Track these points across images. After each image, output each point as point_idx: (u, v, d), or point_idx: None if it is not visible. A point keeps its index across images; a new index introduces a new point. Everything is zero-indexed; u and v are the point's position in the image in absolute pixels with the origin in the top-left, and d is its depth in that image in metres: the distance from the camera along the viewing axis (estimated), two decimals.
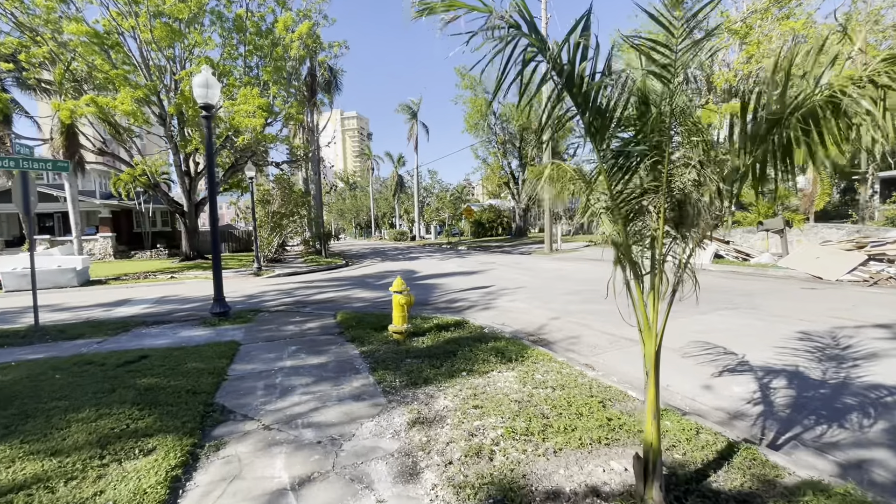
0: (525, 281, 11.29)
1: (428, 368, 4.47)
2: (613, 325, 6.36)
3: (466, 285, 11.07)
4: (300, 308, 8.89)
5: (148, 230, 29.20)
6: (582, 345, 5.54)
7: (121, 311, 9.52)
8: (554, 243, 20.85)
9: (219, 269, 7.71)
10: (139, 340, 6.33)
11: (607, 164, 2.20)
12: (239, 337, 6.37)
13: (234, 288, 12.89)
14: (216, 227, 7.61)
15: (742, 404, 3.63)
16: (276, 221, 20.98)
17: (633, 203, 2.21)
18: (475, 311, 8.00)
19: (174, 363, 4.84)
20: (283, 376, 4.53)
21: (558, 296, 8.97)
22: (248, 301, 10.45)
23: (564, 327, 6.42)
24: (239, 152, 19.44)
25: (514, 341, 5.34)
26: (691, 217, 2.08)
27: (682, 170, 2.09)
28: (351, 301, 9.80)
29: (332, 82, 24.82)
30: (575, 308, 7.70)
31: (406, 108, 43.15)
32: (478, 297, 9.27)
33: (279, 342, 6.01)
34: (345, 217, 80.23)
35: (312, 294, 11.16)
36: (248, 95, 14.98)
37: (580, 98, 2.07)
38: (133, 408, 3.55)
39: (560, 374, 4.18)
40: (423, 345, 5.44)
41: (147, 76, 16.99)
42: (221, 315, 7.59)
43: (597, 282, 10.62)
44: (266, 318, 7.78)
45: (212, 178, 7.53)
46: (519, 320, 7.04)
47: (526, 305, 8.20)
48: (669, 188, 2.10)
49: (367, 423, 3.36)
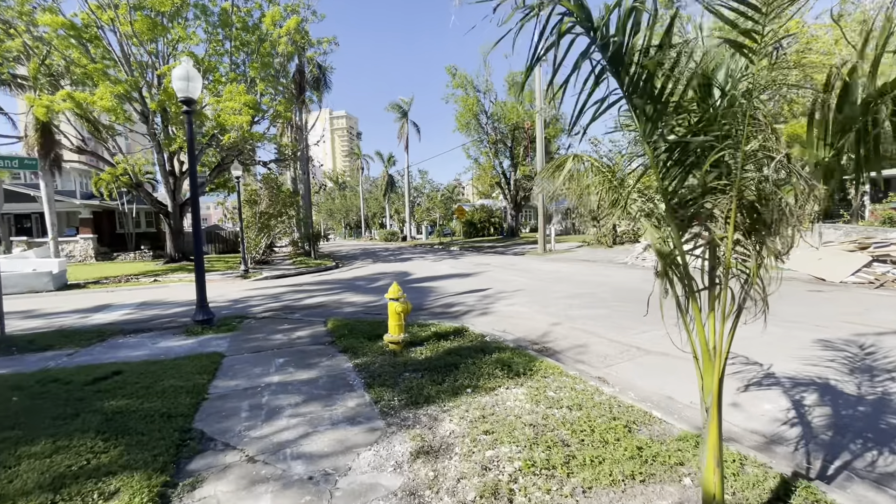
0: (522, 283, 10.97)
1: (429, 384, 4.10)
2: (620, 333, 6.05)
3: (462, 288, 10.71)
4: (289, 314, 8.46)
5: (131, 231, 28.35)
6: (590, 354, 5.21)
7: (98, 317, 8.98)
8: (547, 244, 20.60)
9: (202, 273, 7.24)
10: (114, 352, 5.85)
11: (659, 158, 1.84)
12: (223, 348, 5.93)
13: (220, 292, 12.37)
14: (199, 227, 7.15)
15: (777, 426, 3.32)
16: (264, 222, 20.43)
17: (690, 206, 1.85)
18: (473, 316, 7.64)
19: (150, 380, 4.39)
20: (269, 394, 4.12)
21: (558, 299, 8.65)
22: (234, 306, 9.97)
23: (569, 335, 6.09)
24: (225, 151, 18.85)
25: (519, 352, 4.98)
26: (771, 222, 1.73)
27: (754, 164, 1.74)
28: (342, 306, 9.38)
29: (322, 79, 24.28)
30: (577, 313, 7.38)
31: (396, 107, 42.65)
32: (475, 302, 8.92)
33: (266, 354, 5.58)
34: (334, 217, 79.41)
35: (301, 298, 10.71)
36: (233, 92, 14.44)
37: (628, 78, 1.71)
38: (97, 438, 3.11)
39: (574, 390, 3.83)
40: (422, 356, 5.06)
41: (128, 72, 16.34)
42: (204, 323, 7.12)
43: (596, 284, 10.33)
44: (252, 326, 7.33)
45: (193, 175, 7.07)
46: (520, 326, 6.70)
47: (526, 310, 7.86)
48: (741, 187, 1.75)
49: (364, 453, 2.97)
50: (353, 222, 77.01)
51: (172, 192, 19.64)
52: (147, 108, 16.57)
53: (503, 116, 31.55)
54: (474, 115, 32.52)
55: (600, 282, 10.71)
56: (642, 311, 7.21)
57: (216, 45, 18.44)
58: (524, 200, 36.62)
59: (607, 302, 8.16)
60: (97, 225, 26.08)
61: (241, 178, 16.78)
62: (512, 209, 35.74)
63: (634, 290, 9.36)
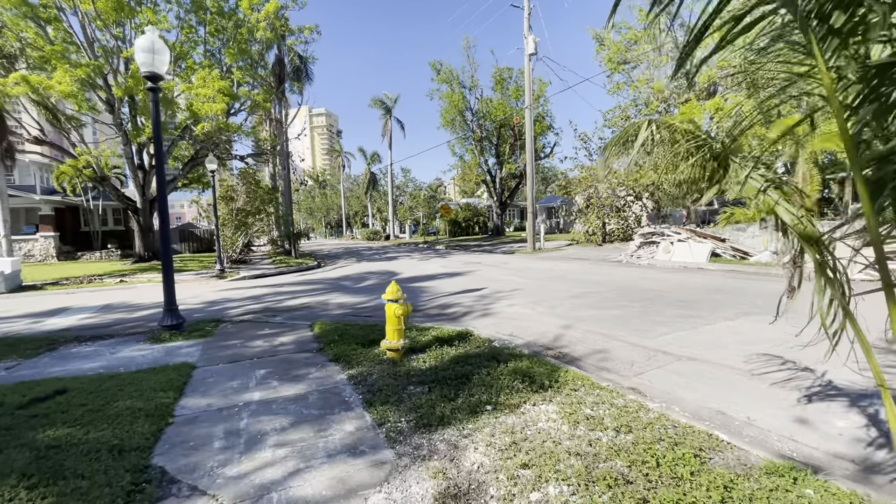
0: (519, 282, 10.43)
1: (440, 401, 3.48)
2: (639, 335, 5.54)
3: (456, 288, 10.10)
4: (270, 317, 7.69)
5: (97, 229, 26.75)
6: (615, 361, 4.67)
7: (53, 322, 8.05)
8: (537, 242, 20.18)
9: (170, 273, 6.44)
10: (63, 364, 5.03)
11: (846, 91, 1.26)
12: (194, 357, 5.17)
13: (194, 293, 11.46)
14: (166, 220, 6.35)
15: (862, 447, 2.81)
16: (241, 219, 19.42)
17: None
18: (473, 318, 7.04)
19: (101, 400, 3.64)
20: (249, 416, 3.43)
21: (561, 300, 8.13)
22: (209, 309, 9.13)
23: (585, 338, 5.54)
24: (199, 144, 17.78)
25: (537, 360, 4.40)
26: None
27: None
28: (328, 308, 8.66)
29: (303, 70, 23.29)
30: (586, 314, 6.85)
31: (380, 103, 41.70)
32: (472, 302, 8.32)
33: (245, 364, 4.86)
34: (314, 216, 77.82)
35: (283, 300, 9.92)
36: (206, 78, 13.47)
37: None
38: (20, 485, 2.38)
39: (614, 406, 3.27)
40: (426, 365, 4.44)
41: (92, 56, 15.14)
42: (173, 328, 6.33)
43: (597, 283, 9.86)
44: (229, 331, 6.56)
45: (160, 163, 6.27)
46: (527, 329, 6.13)
47: (529, 311, 7.31)
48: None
49: (373, 498, 2.34)
50: (334, 221, 75.58)
51: (142, 188, 18.43)
52: (113, 96, 15.41)
53: (489, 113, 31.06)
54: (460, 112, 31.94)
55: (600, 280, 10.26)
56: (654, 311, 6.75)
57: (189, 31, 17.34)
58: (509, 199, 36.24)
59: (615, 302, 7.67)
60: (59, 222, 24.48)
61: (215, 172, 15.79)
62: (498, 208, 35.30)
63: (638, 288, 8.92)
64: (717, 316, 6.24)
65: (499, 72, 30.38)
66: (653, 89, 20.82)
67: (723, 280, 9.48)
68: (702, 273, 10.61)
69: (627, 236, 20.75)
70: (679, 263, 11.93)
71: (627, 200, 20.93)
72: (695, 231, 12.69)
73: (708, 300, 7.36)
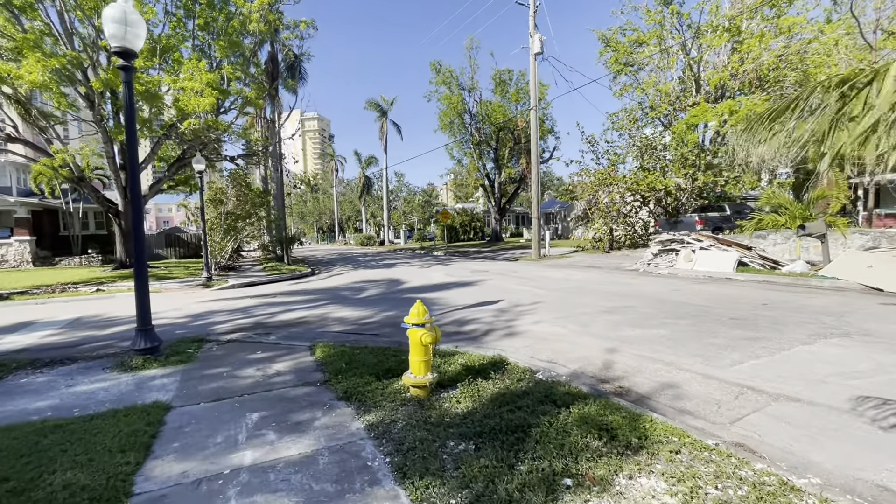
0: (537, 294, 9.54)
1: (498, 469, 2.57)
2: (706, 363, 4.67)
3: (469, 300, 9.19)
4: (262, 336, 6.71)
5: (77, 233, 25.41)
6: (693, 400, 3.79)
7: (10, 340, 6.99)
8: (542, 248, 19.35)
9: (144, 285, 5.45)
10: (2, 404, 4.02)
11: None
12: (169, 392, 4.20)
13: (177, 304, 10.42)
14: (140, 224, 5.38)
15: None
16: (231, 223, 18.35)
17: None
18: (498, 338, 6.14)
19: (35, 469, 2.67)
20: (238, 496, 2.48)
21: (592, 315, 7.25)
22: (193, 324, 8.12)
23: (641, 367, 4.66)
24: (186, 143, 16.71)
25: (604, 402, 3.50)
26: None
27: None
28: (327, 323, 7.70)
29: (297, 68, 22.34)
30: (628, 334, 5.98)
31: (375, 106, 40.76)
32: (492, 318, 7.41)
33: (232, 403, 3.90)
34: (306, 220, 76.60)
35: (277, 312, 8.93)
36: (194, 70, 12.46)
37: None
38: None
39: (743, 481, 2.38)
40: (461, 406, 3.54)
41: (70, 48, 14.06)
42: (147, 353, 5.33)
43: (624, 296, 9.01)
44: (214, 354, 5.58)
45: (133, 156, 5.30)
46: (567, 354, 5.24)
47: (560, 329, 6.42)
48: None
49: None
50: (326, 226, 74.39)
51: (124, 189, 17.28)
52: (92, 90, 14.31)
53: (489, 115, 30.29)
54: (458, 114, 31.16)
55: (626, 292, 9.41)
56: (707, 331, 5.90)
57: (178, 24, 16.32)
58: (508, 204, 35.49)
59: (656, 318, 6.81)
60: (37, 226, 23.15)
61: (203, 173, 14.75)
62: (496, 213, 34.50)
63: (674, 302, 8.08)
64: (787, 338, 5.40)
65: (499, 73, 29.69)
66: (660, 91, 20.21)
67: (763, 293, 8.67)
68: (734, 284, 9.82)
69: (635, 243, 20.02)
70: (703, 273, 11.15)
71: (634, 206, 20.23)
72: (718, 238, 11.93)
73: (764, 318, 6.52)
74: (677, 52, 20.81)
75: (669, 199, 19.07)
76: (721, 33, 17.79)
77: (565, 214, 37.66)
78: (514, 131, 31.19)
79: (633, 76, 21.71)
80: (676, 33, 19.95)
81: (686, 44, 19.80)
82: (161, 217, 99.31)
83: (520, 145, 32.51)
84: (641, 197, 19.70)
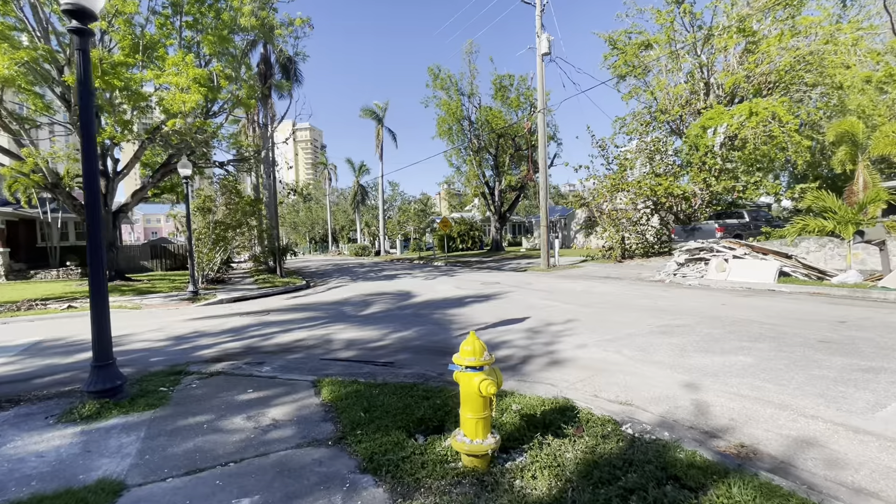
0: (566, 310, 8.48)
1: None
2: (830, 404, 3.63)
3: (489, 317, 8.10)
4: (255, 365, 5.57)
5: (56, 245, 23.96)
6: (859, 470, 2.73)
7: None
8: (551, 258, 18.36)
9: (102, 308, 4.32)
10: None
11: None
12: (125, 462, 3.06)
13: (157, 323, 9.23)
14: (98, 229, 4.28)
15: None
16: (220, 233, 17.13)
17: None
18: (540, 367, 5.08)
19: None
20: None
21: (647, 337, 6.20)
22: (173, 348, 6.95)
23: (750, 412, 3.60)
24: (173, 147, 15.56)
25: (754, 481, 2.42)
26: None
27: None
28: (332, 347, 6.57)
29: (291, 70, 21.32)
30: (706, 362, 4.92)
31: (370, 113, 39.82)
32: (525, 340, 6.33)
33: (213, 481, 2.77)
34: (298, 230, 75.17)
35: (271, 334, 7.78)
36: (180, 64, 11.37)
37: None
38: None
39: None
40: (540, 488, 2.50)
41: (44, 40, 12.92)
42: (105, 395, 4.18)
43: (667, 312, 7.97)
44: (193, 394, 4.44)
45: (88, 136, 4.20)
46: (639, 392, 4.17)
47: (615, 356, 5.35)
48: None
49: None
50: (319, 236, 73.05)
51: (104, 197, 16.03)
52: (68, 89, 13.16)
53: (489, 121, 29.43)
54: (457, 120, 30.28)
55: (667, 307, 8.38)
56: (802, 359, 4.85)
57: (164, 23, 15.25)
58: (508, 212, 34.57)
59: (727, 342, 5.77)
60: (11, 237, 21.72)
61: (190, 178, 13.60)
62: (497, 221, 33.52)
63: (734, 320, 7.04)
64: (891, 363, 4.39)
65: (499, 79, 28.91)
66: (671, 94, 19.46)
67: (827, 308, 7.65)
68: (783, 297, 8.81)
69: (647, 252, 19.10)
70: (740, 284, 10.18)
71: (645, 213, 19.35)
72: (752, 246, 10.99)
73: (861, 340, 5.49)
74: (686, 55, 20.15)
75: (684, 206, 18.20)
76: (732, 34, 17.13)
77: (566, 223, 36.83)
78: (515, 138, 30.37)
79: (641, 79, 20.99)
80: (688, 34, 19.31)
81: (696, 45, 19.14)
82: (150, 228, 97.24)
83: (520, 152, 31.68)
84: (653, 203, 18.83)
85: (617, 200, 19.08)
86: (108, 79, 11.26)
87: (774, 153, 16.42)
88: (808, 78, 16.85)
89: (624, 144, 20.51)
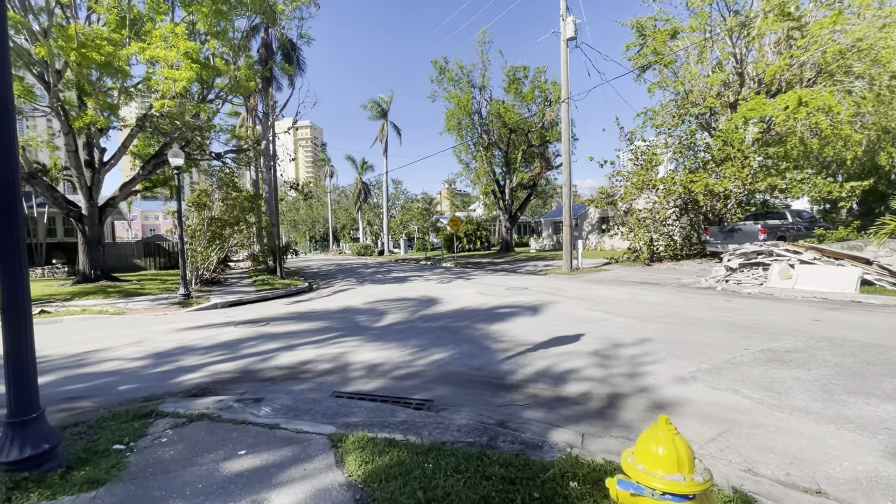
0: (626, 325, 7.08)
1: None
2: None
3: (537, 334, 6.71)
4: (249, 405, 4.18)
5: (41, 241, 22.56)
6: None
7: None
8: (574, 260, 16.99)
9: (22, 330, 2.96)
10: None
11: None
12: None
13: (138, 334, 7.88)
14: (14, 216, 2.88)
15: None
16: (216, 231, 15.75)
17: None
18: (639, 413, 3.72)
19: None
20: None
21: (761, 368, 4.82)
22: (151, 370, 5.59)
23: None
24: (164, 135, 14.17)
25: None
26: None
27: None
28: (349, 375, 5.19)
29: (294, 56, 19.92)
30: (880, 413, 3.56)
31: (374, 106, 38.39)
32: (596, 370, 4.96)
33: None
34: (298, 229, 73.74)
35: (272, 352, 6.41)
36: (170, 36, 9.99)
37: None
38: None
39: None
40: None
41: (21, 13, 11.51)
42: (25, 466, 2.81)
43: (759, 330, 6.59)
44: (160, 458, 3.08)
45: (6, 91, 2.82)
46: (819, 467, 2.82)
47: (738, 399, 3.98)
48: None
49: None
50: (320, 235, 71.66)
51: (88, 189, 14.66)
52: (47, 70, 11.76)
53: (501, 115, 27.99)
54: (468, 114, 28.84)
55: (747, 323, 6.99)
56: None
57: None
58: (519, 211, 33.17)
59: (879, 378, 4.40)
60: None
61: (181, 170, 12.24)
62: (507, 221, 32.11)
63: (853, 343, 5.67)
64: None
65: (513, 70, 27.50)
66: (707, 83, 18.09)
67: None
68: (881, 311, 7.38)
69: (676, 255, 17.73)
70: (812, 294, 8.82)
71: (674, 212, 17.97)
72: (823, 249, 9.65)
73: None
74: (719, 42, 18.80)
75: (719, 205, 16.83)
76: (776, 19, 15.78)
77: (577, 223, 35.45)
78: (528, 133, 28.96)
79: (669, 68, 19.62)
80: (726, 19, 17.98)
81: (731, 33, 17.78)
82: (148, 224, 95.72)
83: (532, 148, 30.31)
84: (683, 202, 17.46)
85: (642, 199, 17.74)
86: (87, 52, 9.86)
87: (821, 148, 15.11)
88: (858, 67, 15.48)
89: (652, 138, 19.17)
